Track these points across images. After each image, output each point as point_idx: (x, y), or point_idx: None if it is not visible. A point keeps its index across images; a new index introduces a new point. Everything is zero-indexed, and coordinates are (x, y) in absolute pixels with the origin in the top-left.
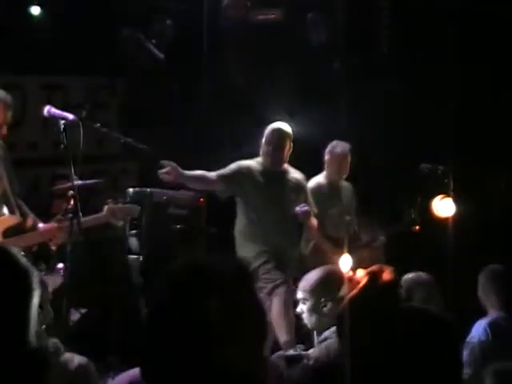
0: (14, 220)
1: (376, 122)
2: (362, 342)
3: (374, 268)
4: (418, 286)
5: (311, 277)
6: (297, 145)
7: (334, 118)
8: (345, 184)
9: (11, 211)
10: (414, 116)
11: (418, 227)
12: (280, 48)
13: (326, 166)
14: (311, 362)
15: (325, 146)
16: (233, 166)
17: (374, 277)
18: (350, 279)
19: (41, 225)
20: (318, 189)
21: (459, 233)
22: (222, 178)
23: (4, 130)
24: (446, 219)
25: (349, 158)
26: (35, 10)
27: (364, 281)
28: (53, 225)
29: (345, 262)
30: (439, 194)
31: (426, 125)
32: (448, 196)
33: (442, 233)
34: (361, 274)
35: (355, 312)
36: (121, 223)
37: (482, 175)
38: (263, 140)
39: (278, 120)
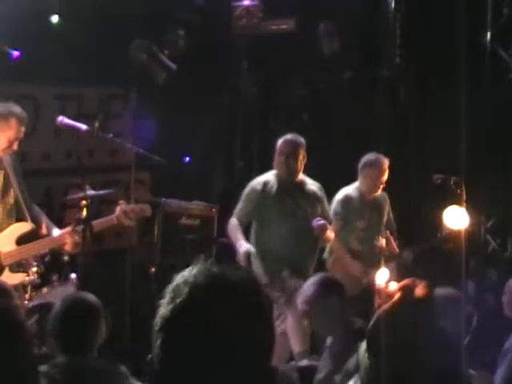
0: (27, 227)
1: (387, 132)
2: (393, 358)
3: (407, 282)
4: (448, 304)
5: (307, 289)
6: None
7: (343, 128)
8: (380, 195)
9: (23, 219)
10: (424, 127)
11: (450, 244)
12: (292, 58)
13: (359, 178)
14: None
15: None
16: (247, 193)
17: (408, 291)
18: (382, 292)
19: (56, 230)
20: (346, 202)
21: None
22: (243, 216)
23: (15, 146)
24: (460, 231)
25: (385, 171)
26: (54, 19)
27: (398, 295)
28: (66, 230)
29: (382, 275)
30: (452, 205)
31: (438, 135)
32: (461, 207)
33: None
34: (394, 287)
35: (388, 327)
36: (133, 224)
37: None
38: (276, 151)
39: (291, 132)
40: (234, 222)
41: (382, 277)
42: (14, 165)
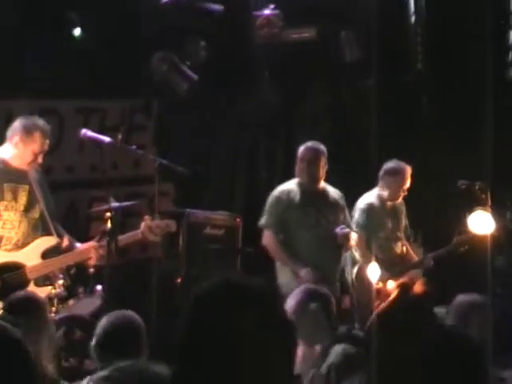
0: (53, 241)
1: (411, 138)
2: (390, 355)
3: (404, 280)
4: (474, 310)
5: (291, 298)
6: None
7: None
8: (399, 202)
9: (49, 233)
10: (448, 132)
11: (466, 248)
12: (314, 67)
13: (382, 186)
14: None
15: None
16: (272, 203)
17: (405, 289)
18: (379, 291)
19: (78, 245)
20: (369, 211)
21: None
22: (274, 226)
23: (40, 159)
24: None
25: (407, 179)
26: (77, 32)
27: (395, 293)
28: (91, 244)
29: (373, 272)
30: (477, 210)
31: (463, 141)
32: (486, 212)
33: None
34: (391, 285)
35: (384, 325)
36: (158, 239)
37: None
38: (298, 159)
39: (314, 140)
40: (272, 238)
41: (374, 274)
42: (39, 179)
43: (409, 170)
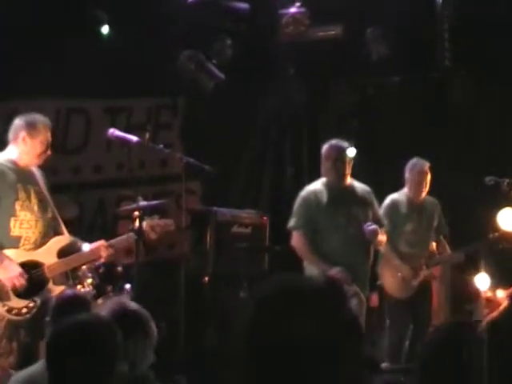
0: (66, 240)
1: (437, 135)
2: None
3: None
4: None
5: None
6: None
7: (393, 133)
8: (429, 200)
9: (60, 233)
10: (477, 128)
11: (502, 244)
12: (340, 64)
13: (406, 184)
14: None
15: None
16: (301, 204)
17: None
18: (490, 300)
19: (87, 244)
20: (393, 207)
21: None
22: (304, 228)
23: (49, 151)
24: None
25: (428, 176)
26: (105, 30)
27: (505, 303)
28: (100, 243)
29: (482, 281)
30: (505, 206)
31: (491, 137)
32: None
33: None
34: (501, 295)
35: (497, 334)
36: (156, 237)
37: None
38: (323, 158)
39: (341, 137)
40: (301, 239)
41: (483, 283)
42: (44, 180)
43: (426, 165)
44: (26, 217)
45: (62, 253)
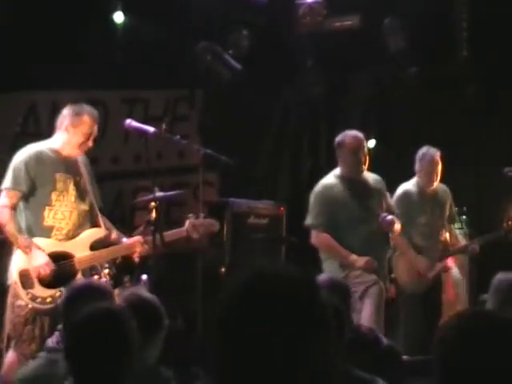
0: (101, 233)
1: (455, 127)
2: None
3: None
4: None
5: None
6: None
7: (411, 124)
8: (441, 189)
9: (97, 225)
10: (494, 120)
11: None
12: (357, 55)
13: (417, 173)
14: None
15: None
16: (317, 199)
17: None
18: None
19: (125, 239)
20: (405, 197)
21: None
22: (323, 224)
23: (90, 143)
24: None
25: (439, 165)
26: (118, 17)
27: None
28: (137, 238)
29: None
30: None
31: (508, 129)
32: None
33: None
34: None
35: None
36: (199, 237)
37: None
38: (342, 147)
39: (358, 129)
40: (321, 236)
41: None
42: (88, 171)
43: (436, 154)
44: (62, 207)
45: (96, 245)
